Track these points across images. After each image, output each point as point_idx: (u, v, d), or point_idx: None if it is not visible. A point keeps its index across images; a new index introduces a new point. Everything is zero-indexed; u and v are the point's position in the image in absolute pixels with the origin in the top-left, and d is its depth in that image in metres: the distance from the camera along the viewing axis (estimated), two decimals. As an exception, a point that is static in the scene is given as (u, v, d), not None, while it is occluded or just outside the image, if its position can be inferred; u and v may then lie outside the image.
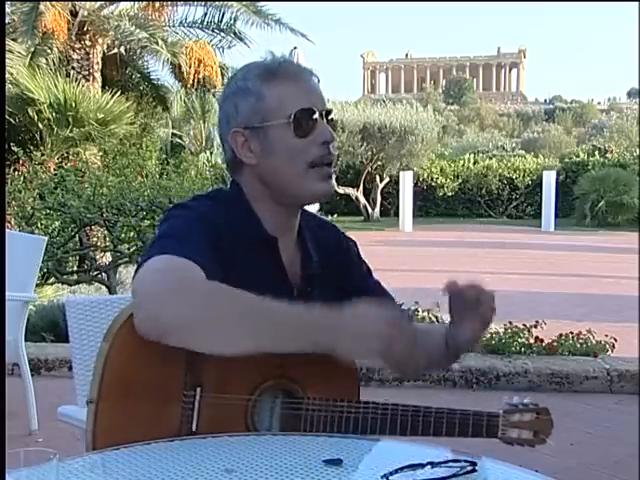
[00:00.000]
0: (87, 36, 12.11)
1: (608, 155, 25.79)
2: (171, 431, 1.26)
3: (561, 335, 5.16)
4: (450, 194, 25.95)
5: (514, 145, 42.64)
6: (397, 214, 21.69)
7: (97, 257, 8.06)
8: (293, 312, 1.25)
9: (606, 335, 5.15)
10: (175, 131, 17.70)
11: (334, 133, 1.48)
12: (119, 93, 11.12)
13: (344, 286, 1.55)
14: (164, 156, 14.08)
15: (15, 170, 8.95)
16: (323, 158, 1.46)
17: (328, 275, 1.54)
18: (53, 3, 11.33)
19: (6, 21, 10.75)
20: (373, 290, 1.60)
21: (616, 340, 5.11)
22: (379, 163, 23.12)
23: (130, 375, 1.27)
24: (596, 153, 26.13)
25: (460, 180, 26.08)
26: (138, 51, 13.33)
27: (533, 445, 1.46)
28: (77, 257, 8.00)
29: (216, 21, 13.40)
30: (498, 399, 1.54)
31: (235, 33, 13.48)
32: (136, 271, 1.32)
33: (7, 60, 10.02)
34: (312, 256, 1.53)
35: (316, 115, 1.45)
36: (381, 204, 24.43)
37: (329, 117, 1.49)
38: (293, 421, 1.34)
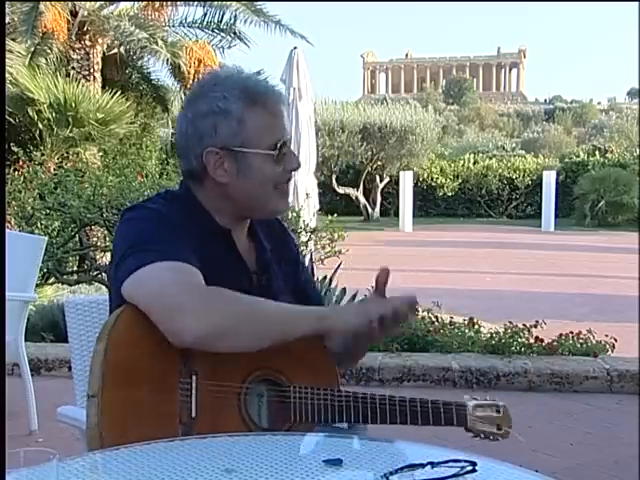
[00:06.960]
0: (87, 36, 12.09)
1: (608, 155, 25.76)
2: (172, 418, 1.32)
3: (561, 335, 5.16)
4: (450, 194, 25.92)
5: (514, 145, 42.53)
6: (397, 214, 21.68)
7: (97, 257, 8.05)
8: (293, 308, 1.45)
9: (606, 335, 5.15)
10: (175, 131, 17.68)
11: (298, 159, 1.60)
12: (119, 93, 11.10)
13: (294, 271, 1.70)
14: (164, 156, 14.03)
15: (15, 170, 8.91)
16: (286, 182, 1.58)
17: (279, 262, 1.65)
18: (53, 3, 11.31)
19: (6, 21, 10.73)
20: (308, 279, 1.79)
21: (616, 340, 5.11)
22: (379, 163, 23.10)
23: (129, 368, 1.33)
24: (596, 153, 26.10)
25: (460, 180, 26.05)
26: (138, 51, 13.29)
27: (497, 439, 1.55)
28: (77, 257, 7.99)
29: (216, 21, 13.36)
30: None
31: (235, 33, 13.44)
32: (121, 279, 1.38)
33: (7, 60, 10.00)
34: (265, 245, 1.63)
35: (288, 144, 1.55)
36: (381, 204, 24.42)
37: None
38: (281, 408, 1.42)
